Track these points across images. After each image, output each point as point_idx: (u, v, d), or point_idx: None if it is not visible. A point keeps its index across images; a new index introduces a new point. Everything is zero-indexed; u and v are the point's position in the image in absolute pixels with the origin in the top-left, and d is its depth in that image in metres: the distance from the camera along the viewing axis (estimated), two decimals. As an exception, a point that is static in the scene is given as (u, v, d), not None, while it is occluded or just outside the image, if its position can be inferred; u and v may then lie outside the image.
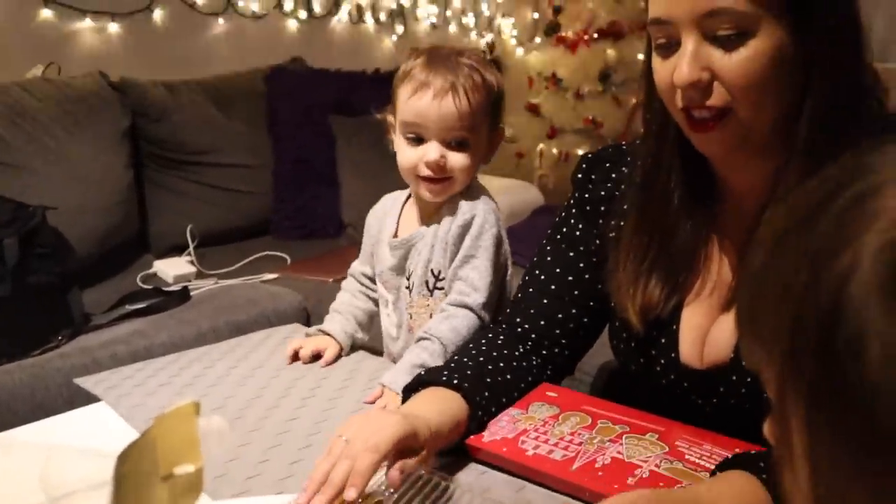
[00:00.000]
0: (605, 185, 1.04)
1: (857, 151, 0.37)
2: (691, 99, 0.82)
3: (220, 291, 1.98)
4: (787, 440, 0.38)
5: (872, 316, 0.33)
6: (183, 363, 1.22)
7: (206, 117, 2.52)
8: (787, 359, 0.37)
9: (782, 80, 0.81)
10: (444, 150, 1.15)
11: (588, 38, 3.78)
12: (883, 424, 0.33)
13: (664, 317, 0.96)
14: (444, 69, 1.14)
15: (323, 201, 2.61)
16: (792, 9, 0.78)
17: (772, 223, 0.39)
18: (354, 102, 2.67)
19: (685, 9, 0.80)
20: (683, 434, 0.90)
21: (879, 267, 0.33)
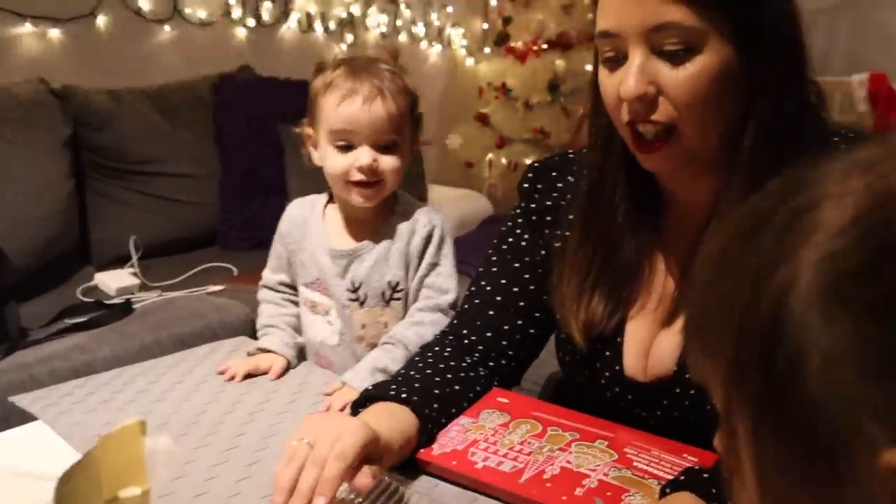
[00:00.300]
0: (551, 195, 1.04)
1: (796, 168, 0.38)
2: (637, 113, 0.83)
3: (164, 304, 1.94)
4: (735, 450, 0.39)
5: (811, 329, 0.33)
6: (125, 378, 1.18)
7: (151, 126, 2.47)
8: (733, 372, 0.37)
9: (727, 96, 0.81)
10: (375, 153, 1.18)
11: (537, 49, 3.81)
12: (824, 434, 0.34)
13: (608, 331, 0.96)
14: (368, 75, 1.17)
15: (271, 212, 2.55)
16: (738, 27, 0.79)
17: (715, 239, 0.40)
18: (304, 112, 2.65)
19: (633, 22, 0.80)
20: (632, 440, 0.91)
21: (817, 279, 0.34)
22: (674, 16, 0.78)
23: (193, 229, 2.52)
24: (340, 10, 3.47)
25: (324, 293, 1.27)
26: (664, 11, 0.78)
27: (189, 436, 1.00)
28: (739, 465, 0.38)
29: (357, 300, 1.24)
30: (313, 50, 3.38)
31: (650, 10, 0.79)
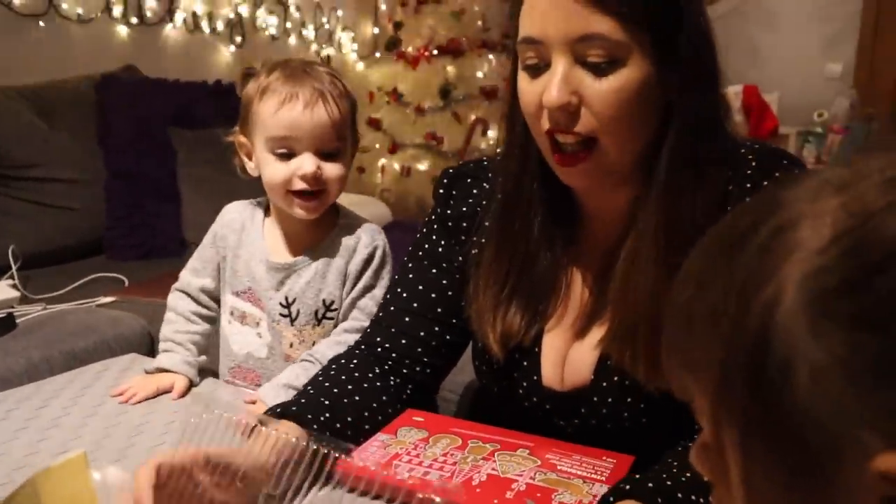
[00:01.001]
0: (467, 202, 1.04)
1: (772, 187, 0.40)
2: (557, 122, 0.83)
3: (50, 318, 1.82)
4: (723, 465, 0.40)
5: (799, 342, 0.35)
6: (10, 404, 1.10)
7: (28, 128, 2.34)
8: (720, 388, 0.39)
9: (647, 111, 0.83)
10: (318, 160, 1.12)
11: (428, 55, 3.84)
12: (812, 445, 0.35)
13: (526, 343, 0.96)
14: (308, 78, 1.12)
15: (162, 218, 2.48)
16: (658, 43, 0.81)
17: (695, 257, 0.41)
18: (195, 114, 2.57)
19: (559, 30, 0.80)
20: (552, 448, 0.93)
21: (802, 295, 0.36)
22: (600, 27, 0.79)
23: (77, 237, 2.39)
24: (228, 11, 3.38)
25: (255, 304, 1.22)
26: (591, 22, 0.79)
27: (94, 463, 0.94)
28: (727, 480, 0.40)
29: (288, 316, 1.20)
30: (199, 51, 3.29)
31: (576, 20, 0.79)
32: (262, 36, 3.56)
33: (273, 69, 1.14)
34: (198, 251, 1.28)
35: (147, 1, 3.03)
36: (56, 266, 2.27)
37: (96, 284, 2.15)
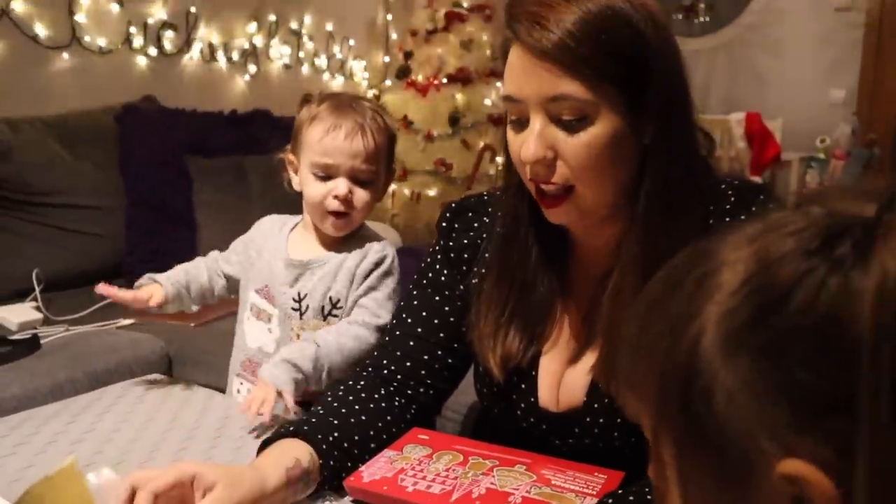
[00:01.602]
0: (468, 234, 1.10)
1: (703, 240, 0.46)
2: (537, 174, 0.91)
3: (73, 339, 1.90)
4: (664, 475, 0.47)
5: (717, 370, 0.42)
6: (39, 420, 1.17)
7: (52, 156, 2.43)
8: (657, 409, 0.46)
9: (620, 162, 0.90)
10: (351, 185, 1.26)
11: (438, 83, 3.92)
12: (731, 456, 0.42)
13: (524, 365, 1.03)
14: (352, 112, 1.26)
15: (179, 244, 2.56)
16: (627, 99, 0.87)
17: (641, 300, 0.48)
18: (211, 143, 2.66)
19: (533, 91, 0.87)
20: (548, 464, 0.99)
21: (719, 331, 0.42)
22: (568, 88, 0.85)
23: (98, 262, 2.47)
24: (243, 41, 3.48)
25: (269, 301, 1.32)
26: (559, 84, 0.85)
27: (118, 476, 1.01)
28: (668, 488, 0.47)
29: (298, 310, 1.30)
30: (216, 81, 3.38)
31: (547, 83, 0.86)
32: (276, 65, 3.66)
33: (324, 100, 1.29)
34: (231, 245, 1.42)
35: (166, 32, 3.13)
36: (77, 289, 2.35)
37: (116, 307, 2.20)
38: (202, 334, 2.08)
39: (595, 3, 0.85)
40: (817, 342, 0.39)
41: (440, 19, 3.95)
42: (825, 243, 0.40)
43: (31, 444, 1.09)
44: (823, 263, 0.40)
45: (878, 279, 0.38)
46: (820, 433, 0.39)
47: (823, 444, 0.39)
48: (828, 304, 0.39)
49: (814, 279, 0.39)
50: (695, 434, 0.43)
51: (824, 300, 0.39)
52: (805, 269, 0.40)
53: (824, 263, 0.40)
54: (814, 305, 0.39)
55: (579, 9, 0.85)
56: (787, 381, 0.39)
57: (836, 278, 0.39)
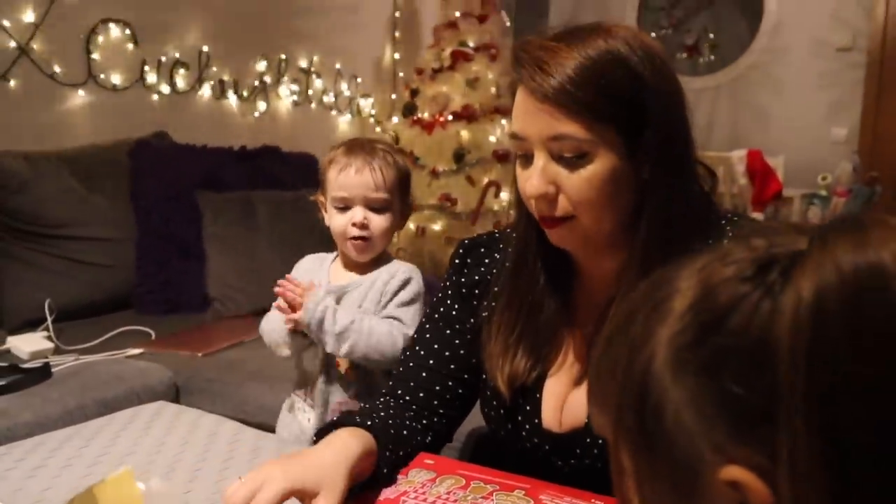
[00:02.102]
0: (479, 270, 1.16)
1: (664, 269, 0.51)
2: (541, 210, 0.97)
3: (83, 368, 1.93)
4: (623, 484, 0.51)
5: (666, 387, 0.46)
6: (52, 445, 1.20)
7: (67, 189, 2.48)
8: (616, 423, 0.49)
9: (619, 196, 0.95)
10: (366, 212, 1.42)
11: (443, 120, 3.99)
12: (680, 465, 0.45)
13: (529, 385, 1.07)
14: (362, 152, 1.43)
15: (188, 276, 2.60)
16: (625, 138, 0.92)
17: (608, 325, 0.52)
18: (221, 178, 2.72)
19: (536, 131, 0.93)
20: (547, 490, 1.01)
21: (668, 352, 0.46)
22: (567, 129, 0.90)
23: (108, 292, 2.52)
24: (253, 79, 3.56)
25: None
26: (559, 125, 0.91)
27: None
28: (628, 496, 0.50)
29: None
30: (226, 117, 3.45)
31: (548, 122, 0.91)
32: (285, 103, 3.74)
33: (342, 145, 1.46)
34: None
35: (179, 70, 3.21)
36: (88, 319, 2.39)
37: (125, 337, 2.26)
38: (209, 363, 2.12)
39: (595, 47, 0.91)
40: (750, 360, 0.43)
41: (446, 58, 4.02)
42: (759, 271, 0.44)
43: (49, 467, 1.12)
44: (757, 289, 0.44)
45: (793, 301, 0.42)
46: (755, 443, 0.43)
47: (758, 453, 0.42)
48: (759, 326, 0.43)
49: (748, 303, 0.44)
50: (649, 447, 0.47)
51: (757, 322, 0.43)
52: (742, 293, 0.44)
53: (758, 289, 0.44)
54: (748, 327, 0.43)
55: (579, 54, 0.90)
56: (724, 395, 0.44)
57: (767, 302, 0.43)
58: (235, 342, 2.26)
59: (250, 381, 2.00)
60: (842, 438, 0.40)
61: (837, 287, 0.41)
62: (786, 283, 0.43)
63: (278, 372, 1.52)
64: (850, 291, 0.41)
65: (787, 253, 0.44)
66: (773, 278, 0.44)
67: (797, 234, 0.46)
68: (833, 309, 0.41)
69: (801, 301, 0.41)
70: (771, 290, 0.43)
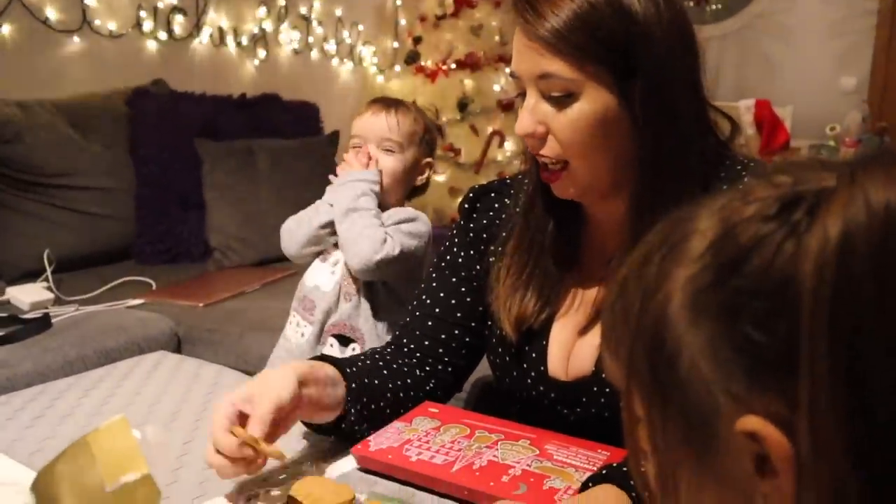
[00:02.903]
0: (488, 214, 1.14)
1: (682, 208, 0.48)
2: (533, 147, 0.96)
3: (84, 318, 1.93)
4: (634, 434, 0.49)
5: (682, 333, 0.43)
6: (52, 394, 1.19)
7: (64, 138, 2.45)
8: (629, 370, 0.47)
9: (611, 138, 0.92)
10: (376, 150, 1.47)
11: (446, 69, 3.93)
12: (695, 413, 0.43)
13: (536, 330, 1.06)
14: (385, 102, 1.50)
15: (188, 225, 2.58)
16: (617, 77, 0.90)
17: (621, 269, 0.50)
18: (221, 127, 2.67)
19: (525, 68, 0.93)
20: (553, 440, 1.00)
21: (685, 295, 0.44)
22: (552, 67, 0.90)
23: (108, 243, 2.50)
24: (252, 26, 3.49)
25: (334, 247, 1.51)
26: (544, 63, 0.90)
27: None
28: (639, 443, 0.48)
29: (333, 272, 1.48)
30: (225, 65, 3.39)
31: (535, 60, 0.91)
32: (285, 50, 3.67)
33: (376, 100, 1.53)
34: None
35: (176, 17, 3.15)
36: (88, 270, 2.38)
37: (126, 287, 2.26)
38: (210, 314, 2.11)
39: None
40: (771, 303, 0.40)
41: (449, 5, 3.95)
42: (782, 209, 0.41)
43: (48, 416, 1.12)
44: (781, 228, 0.41)
45: (819, 241, 0.39)
46: (774, 391, 0.40)
47: (777, 402, 0.40)
48: (782, 267, 0.40)
49: (770, 243, 0.41)
50: (662, 396, 0.45)
51: (779, 264, 0.40)
52: (764, 233, 0.41)
53: (781, 228, 0.41)
54: (770, 268, 0.41)
55: None
56: (743, 341, 0.41)
57: (791, 242, 0.40)
58: (237, 292, 2.25)
59: (251, 332, 1.99)
60: (865, 385, 0.38)
61: (866, 225, 0.38)
62: (811, 222, 0.40)
63: (279, 322, 1.51)
64: (880, 229, 0.38)
65: (813, 190, 0.41)
66: (797, 217, 0.41)
67: (825, 170, 0.43)
68: (861, 248, 0.38)
69: (827, 240, 0.39)
70: (795, 229, 0.40)
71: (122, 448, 0.52)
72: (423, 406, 1.10)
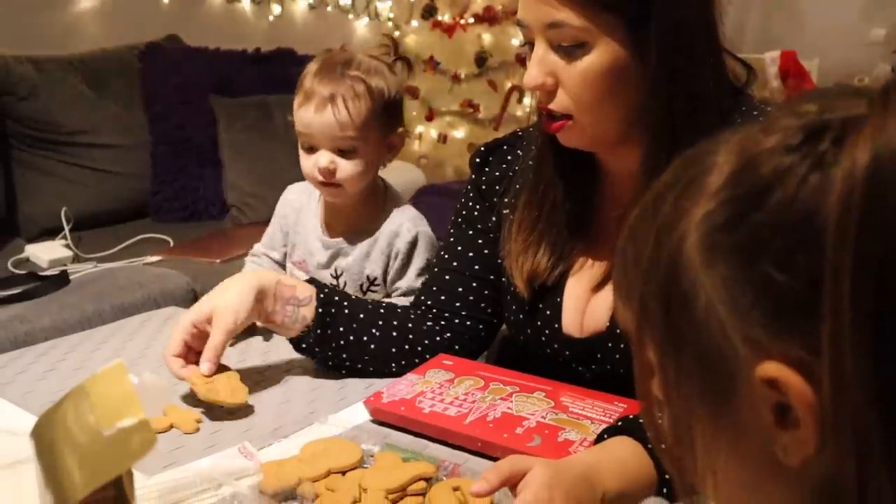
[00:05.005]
0: (501, 167, 1.11)
1: (701, 144, 0.44)
2: (541, 102, 0.93)
3: (101, 275, 1.93)
4: (647, 385, 0.46)
5: (697, 274, 0.40)
6: (65, 348, 1.20)
7: (78, 95, 2.44)
8: (641, 316, 0.45)
9: (621, 91, 0.89)
10: (334, 157, 1.23)
11: (464, 23, 3.86)
12: (711, 358, 0.41)
13: (549, 287, 1.03)
14: (327, 81, 1.22)
15: (205, 182, 2.57)
16: (630, 25, 0.86)
17: (635, 210, 0.47)
18: (235, 83, 2.65)
19: (533, 16, 0.89)
20: (568, 392, 0.99)
21: (699, 233, 0.41)
22: (561, 15, 0.86)
23: (125, 200, 2.51)
24: (267, -20, 3.44)
25: (308, 273, 1.33)
26: (554, 11, 0.86)
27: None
28: (651, 392, 0.46)
29: (336, 285, 1.31)
30: (239, 20, 3.36)
31: (544, 8, 0.87)
32: (301, 5, 3.62)
33: (317, 61, 1.25)
34: (268, 228, 1.42)
35: (189, -29, 3.11)
36: (105, 227, 2.39)
37: (143, 244, 2.26)
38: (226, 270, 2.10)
39: None
40: (794, 240, 0.37)
41: (467, -44, 3.86)
42: (807, 139, 0.38)
43: (59, 370, 1.12)
44: (805, 160, 0.38)
45: (846, 171, 0.36)
46: (795, 335, 0.37)
47: (799, 346, 0.37)
48: (806, 201, 0.37)
49: (794, 175, 0.38)
50: (676, 343, 0.42)
51: (803, 197, 0.37)
52: (787, 165, 0.38)
53: (806, 160, 0.38)
54: (792, 202, 0.37)
55: None
56: (763, 281, 0.38)
57: (816, 174, 0.37)
58: (253, 249, 2.25)
59: (267, 287, 1.97)
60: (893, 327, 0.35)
61: None
62: (839, 152, 0.37)
63: (294, 278, 1.49)
64: None
65: (841, 118, 0.38)
66: (824, 147, 0.37)
67: (857, 96, 0.39)
68: (891, 178, 0.35)
69: (854, 170, 0.35)
70: (821, 160, 0.37)
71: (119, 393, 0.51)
72: (437, 358, 1.08)
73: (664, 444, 0.47)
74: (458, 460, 0.87)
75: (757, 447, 0.40)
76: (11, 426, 0.91)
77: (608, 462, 0.78)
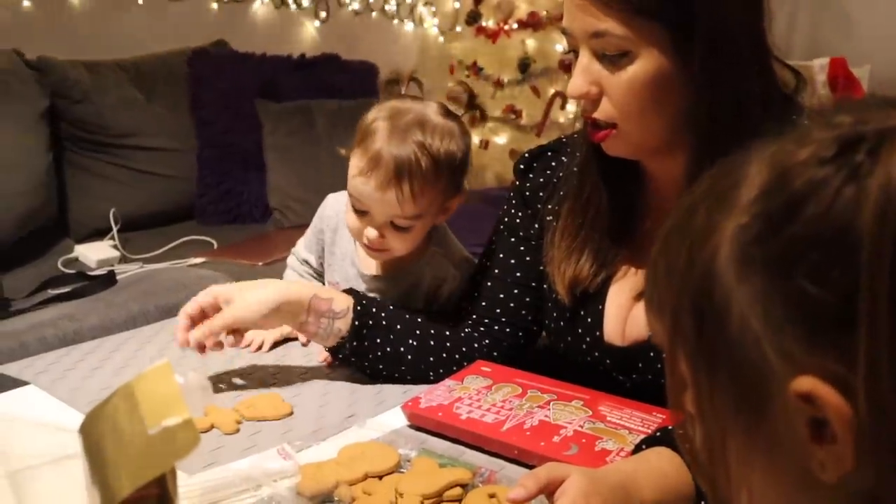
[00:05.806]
0: (545, 173, 1.11)
1: (736, 154, 0.44)
2: (585, 110, 0.93)
3: (147, 275, 1.98)
4: (679, 399, 0.46)
5: (731, 287, 0.40)
6: (111, 346, 1.22)
7: (129, 99, 2.49)
8: (673, 329, 0.44)
9: (664, 101, 0.89)
10: (385, 229, 1.13)
11: (508, 29, 3.86)
12: (745, 374, 0.40)
13: (592, 294, 1.03)
14: (395, 148, 1.09)
15: (249, 186, 2.61)
16: (674, 33, 0.85)
17: (667, 222, 0.47)
18: (280, 87, 2.68)
19: (578, 26, 0.89)
20: (607, 401, 0.98)
21: (732, 246, 0.41)
22: (606, 25, 0.86)
23: (171, 202, 2.55)
24: (313, -13, 3.48)
25: None
26: (597, 21, 0.86)
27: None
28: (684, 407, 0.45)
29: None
30: (286, 26, 3.40)
31: (588, 18, 0.87)
32: (346, 11, 3.65)
33: (386, 111, 1.13)
34: (307, 232, 1.35)
35: (237, -23, 3.15)
36: (151, 229, 2.44)
37: (188, 246, 2.31)
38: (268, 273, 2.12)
39: None
40: (828, 253, 0.37)
41: (511, -37, 3.86)
42: (841, 151, 0.38)
43: (105, 368, 1.15)
44: (839, 172, 0.37)
45: (881, 183, 0.35)
46: (831, 349, 0.37)
47: (835, 361, 0.37)
48: (841, 214, 0.37)
49: (828, 188, 0.37)
50: (709, 356, 0.42)
51: (838, 210, 0.37)
52: (821, 177, 0.38)
53: (840, 172, 0.37)
54: (827, 215, 0.37)
55: None
56: (797, 295, 0.38)
57: (851, 187, 0.37)
58: (295, 252, 2.28)
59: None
60: None
61: None
62: (874, 164, 0.36)
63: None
64: None
65: (876, 129, 0.38)
66: (859, 159, 0.37)
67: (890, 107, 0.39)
68: None
69: (890, 182, 0.35)
70: (856, 172, 0.37)
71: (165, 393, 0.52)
72: (475, 365, 1.09)
73: (697, 459, 0.46)
74: (494, 467, 0.87)
75: (792, 462, 0.40)
76: (60, 422, 0.93)
77: (646, 472, 0.78)
